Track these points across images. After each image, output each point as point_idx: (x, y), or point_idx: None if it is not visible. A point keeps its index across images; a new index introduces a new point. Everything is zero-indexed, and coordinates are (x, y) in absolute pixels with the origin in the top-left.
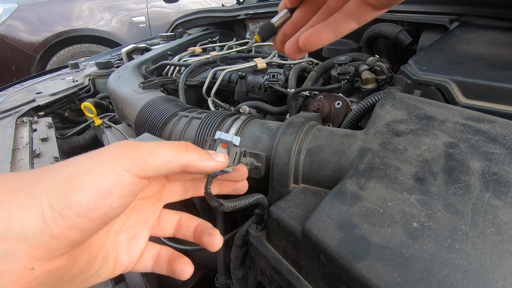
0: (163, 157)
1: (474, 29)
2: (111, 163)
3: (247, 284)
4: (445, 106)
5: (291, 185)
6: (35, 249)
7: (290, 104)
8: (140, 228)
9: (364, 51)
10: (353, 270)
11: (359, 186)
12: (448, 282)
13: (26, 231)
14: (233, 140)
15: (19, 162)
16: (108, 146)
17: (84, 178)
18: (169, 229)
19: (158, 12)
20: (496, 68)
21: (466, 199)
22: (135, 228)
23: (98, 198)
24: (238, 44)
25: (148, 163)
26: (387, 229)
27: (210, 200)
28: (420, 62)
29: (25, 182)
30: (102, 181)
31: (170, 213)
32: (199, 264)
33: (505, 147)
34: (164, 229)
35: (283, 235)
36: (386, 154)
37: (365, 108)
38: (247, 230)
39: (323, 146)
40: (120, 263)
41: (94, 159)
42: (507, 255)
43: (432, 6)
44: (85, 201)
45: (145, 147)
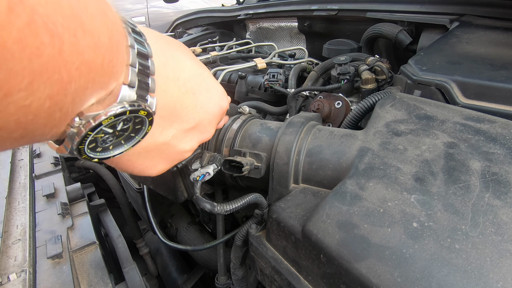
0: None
1: (474, 29)
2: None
3: (247, 284)
4: (445, 106)
5: (291, 185)
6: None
7: (290, 104)
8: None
9: (364, 51)
10: (353, 270)
11: (359, 186)
12: (448, 282)
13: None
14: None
15: (19, 162)
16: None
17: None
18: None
19: (158, 12)
20: (496, 68)
21: (466, 199)
22: None
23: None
24: (238, 44)
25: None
26: (387, 229)
27: (201, 204)
28: (420, 62)
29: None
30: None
31: None
32: (199, 264)
33: (505, 147)
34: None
35: (283, 235)
36: (386, 154)
37: (365, 108)
38: (247, 230)
39: (323, 146)
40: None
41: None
42: (507, 255)
43: (432, 6)
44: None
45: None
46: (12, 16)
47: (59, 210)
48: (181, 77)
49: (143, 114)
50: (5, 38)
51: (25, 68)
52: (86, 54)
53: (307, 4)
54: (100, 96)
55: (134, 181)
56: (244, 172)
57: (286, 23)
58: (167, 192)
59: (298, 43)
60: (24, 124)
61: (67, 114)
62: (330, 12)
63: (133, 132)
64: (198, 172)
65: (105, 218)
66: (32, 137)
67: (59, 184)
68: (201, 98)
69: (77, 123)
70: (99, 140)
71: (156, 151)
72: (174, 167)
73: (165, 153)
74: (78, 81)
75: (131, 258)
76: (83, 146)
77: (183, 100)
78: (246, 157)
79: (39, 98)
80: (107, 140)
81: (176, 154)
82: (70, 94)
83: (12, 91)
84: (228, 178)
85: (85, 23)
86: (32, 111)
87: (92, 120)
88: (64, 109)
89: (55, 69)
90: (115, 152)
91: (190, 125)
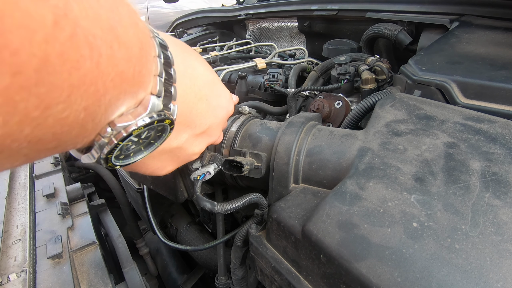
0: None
1: (474, 29)
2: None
3: (247, 284)
4: (445, 106)
5: (291, 185)
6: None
7: (290, 104)
8: None
9: (364, 51)
10: (353, 270)
11: (359, 186)
12: (448, 282)
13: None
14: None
15: None
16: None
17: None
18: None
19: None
20: (496, 68)
21: (466, 199)
22: None
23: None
24: (238, 44)
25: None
26: (387, 229)
27: (201, 203)
28: (420, 62)
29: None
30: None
31: None
32: (199, 264)
33: (505, 147)
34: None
35: (283, 235)
36: (386, 154)
37: (365, 108)
38: (247, 230)
39: (323, 146)
40: None
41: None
42: (507, 255)
43: (432, 6)
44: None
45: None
46: (57, 30)
47: (59, 210)
48: (196, 84)
49: (167, 123)
50: (49, 52)
51: (65, 82)
52: (120, 65)
53: (307, 4)
54: (129, 105)
55: (134, 181)
56: (244, 172)
57: (286, 23)
58: (168, 192)
59: (298, 43)
60: (59, 136)
61: (99, 125)
62: (330, 12)
63: (154, 139)
64: (199, 172)
65: (105, 218)
66: (64, 147)
67: (59, 184)
68: (213, 103)
69: (109, 134)
70: (123, 149)
71: (168, 154)
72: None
73: (176, 155)
74: (112, 92)
75: (131, 258)
76: (111, 156)
77: (198, 106)
78: (246, 157)
79: (75, 110)
80: (130, 147)
81: (186, 156)
82: (104, 105)
83: (52, 104)
84: (228, 178)
85: (120, 35)
86: (68, 123)
87: (124, 131)
88: (96, 119)
89: (92, 82)
90: (135, 159)
91: (201, 130)
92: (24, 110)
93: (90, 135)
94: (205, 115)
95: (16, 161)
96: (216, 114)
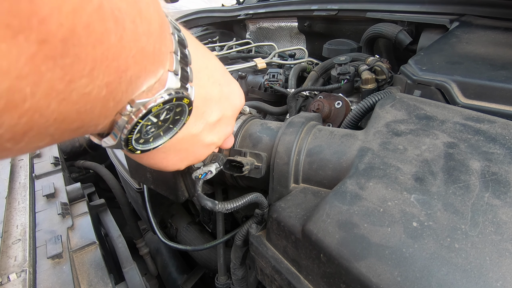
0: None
1: (474, 29)
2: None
3: (247, 284)
4: (445, 106)
5: (291, 185)
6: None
7: (290, 104)
8: None
9: (364, 51)
10: (353, 270)
11: (359, 185)
12: (448, 281)
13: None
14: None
15: (19, 162)
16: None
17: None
18: None
19: None
20: (496, 68)
21: (465, 199)
22: None
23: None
24: (238, 44)
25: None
26: (387, 229)
27: (202, 202)
28: (420, 62)
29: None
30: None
31: None
32: (199, 264)
33: (505, 147)
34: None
35: (283, 235)
36: (386, 154)
37: (365, 108)
38: (247, 230)
39: (323, 146)
40: None
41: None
42: (506, 254)
43: (432, 6)
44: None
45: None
46: (85, 1)
47: (59, 210)
48: (209, 68)
49: (185, 102)
50: (76, 22)
51: (89, 55)
52: (142, 41)
53: (307, 4)
54: (150, 84)
55: (134, 181)
56: (244, 172)
57: (286, 23)
58: (168, 192)
59: (298, 43)
60: (83, 114)
61: (119, 103)
62: (330, 12)
63: (172, 123)
64: (201, 170)
65: (105, 218)
66: (87, 128)
67: (59, 184)
68: (225, 90)
69: (128, 111)
70: (143, 131)
71: (188, 143)
72: None
73: (195, 145)
74: (133, 69)
75: (131, 258)
76: (131, 136)
77: (212, 91)
78: (247, 157)
79: (98, 86)
80: (149, 131)
81: (203, 148)
82: (125, 83)
83: (75, 78)
84: (228, 178)
85: (143, 10)
86: (91, 100)
87: (143, 107)
88: (117, 98)
89: (114, 57)
90: (155, 144)
91: (216, 117)
92: (50, 82)
93: (111, 115)
94: (219, 101)
95: (42, 141)
96: (229, 101)
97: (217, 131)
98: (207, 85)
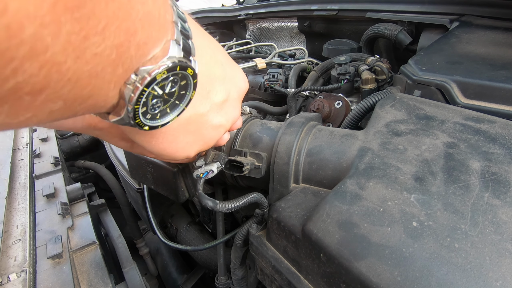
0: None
1: (474, 29)
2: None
3: (247, 284)
4: (445, 106)
5: (292, 185)
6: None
7: (290, 104)
8: None
9: (364, 51)
10: (353, 269)
11: (359, 185)
12: (448, 281)
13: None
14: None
15: (19, 162)
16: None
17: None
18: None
19: None
20: (496, 68)
21: (465, 199)
22: None
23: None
24: (238, 44)
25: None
26: (387, 229)
27: (203, 201)
28: (420, 62)
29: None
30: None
31: None
32: (199, 264)
33: (505, 147)
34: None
35: (284, 235)
36: (386, 154)
37: (365, 108)
38: (247, 230)
39: (323, 146)
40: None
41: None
42: (506, 254)
43: (432, 6)
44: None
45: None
46: None
47: (59, 210)
48: (210, 47)
49: (190, 73)
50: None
51: (102, 11)
52: (147, 4)
53: (307, 4)
54: (155, 52)
55: (134, 181)
56: (244, 172)
57: (286, 23)
58: (168, 192)
59: (298, 43)
60: (95, 79)
61: (127, 71)
62: (330, 12)
63: (178, 98)
64: (202, 169)
65: (105, 218)
66: (96, 99)
67: (59, 184)
68: (228, 70)
69: (133, 79)
70: (149, 105)
71: (196, 124)
72: (175, 167)
73: (204, 127)
74: (141, 33)
75: (131, 258)
76: (138, 106)
77: (215, 69)
78: (247, 157)
79: (109, 47)
80: (156, 106)
81: (212, 130)
82: (133, 47)
83: (90, 34)
84: (229, 178)
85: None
86: (102, 61)
87: (147, 75)
88: (125, 65)
89: (124, 17)
90: (163, 121)
91: (222, 98)
92: (67, 35)
93: (119, 83)
94: (223, 80)
95: (55, 103)
96: (234, 82)
97: (224, 113)
98: (210, 63)
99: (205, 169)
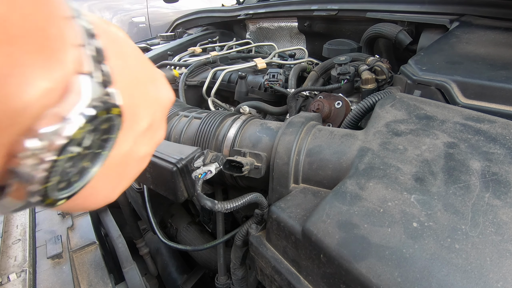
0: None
1: (474, 29)
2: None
3: (247, 284)
4: (445, 106)
5: (291, 185)
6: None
7: (290, 104)
8: None
9: (364, 51)
10: (353, 270)
11: (359, 186)
12: (448, 282)
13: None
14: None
15: None
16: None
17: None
18: None
19: (158, 12)
20: (496, 68)
21: (466, 199)
22: None
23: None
24: (238, 44)
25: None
26: (387, 229)
27: (202, 201)
28: (420, 62)
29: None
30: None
31: None
32: (199, 264)
33: (505, 147)
34: None
35: (283, 235)
36: (386, 154)
37: (365, 108)
38: (247, 230)
39: (323, 146)
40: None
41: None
42: (507, 255)
43: (432, 6)
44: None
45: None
46: None
47: (59, 210)
48: (128, 64)
49: (115, 113)
50: None
51: None
52: (26, 8)
53: (307, 4)
54: (52, 97)
55: (134, 181)
56: (244, 172)
57: (286, 23)
58: (168, 192)
59: (298, 43)
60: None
61: (13, 137)
62: (330, 12)
63: (100, 147)
64: (200, 170)
65: (105, 218)
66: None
67: None
68: (151, 89)
69: (32, 147)
70: (63, 172)
71: (119, 166)
72: (174, 167)
73: (128, 165)
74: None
75: (131, 258)
76: (48, 185)
77: (136, 92)
78: (246, 157)
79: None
80: (71, 167)
81: (137, 164)
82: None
83: None
84: (228, 178)
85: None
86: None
87: (56, 137)
88: (5, 127)
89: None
90: (82, 182)
91: (147, 123)
92: None
93: (1, 160)
94: (145, 104)
95: None
96: (157, 102)
97: (149, 139)
98: (131, 85)
99: (204, 170)
